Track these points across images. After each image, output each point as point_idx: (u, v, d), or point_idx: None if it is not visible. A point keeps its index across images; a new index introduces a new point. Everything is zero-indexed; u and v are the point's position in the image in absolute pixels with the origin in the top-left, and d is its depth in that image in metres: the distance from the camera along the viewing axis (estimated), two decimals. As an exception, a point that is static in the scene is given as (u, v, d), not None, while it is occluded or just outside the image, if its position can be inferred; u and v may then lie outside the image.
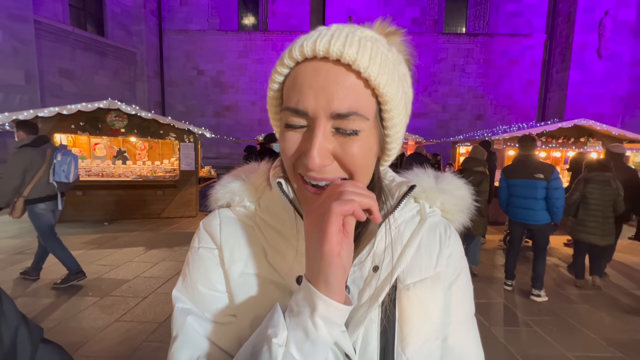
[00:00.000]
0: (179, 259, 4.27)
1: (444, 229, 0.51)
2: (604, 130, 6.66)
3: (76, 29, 10.51)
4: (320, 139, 0.37)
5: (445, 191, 0.52)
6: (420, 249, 0.47)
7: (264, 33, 14.51)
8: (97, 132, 6.05)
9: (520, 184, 3.38)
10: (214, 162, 12.67)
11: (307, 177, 0.39)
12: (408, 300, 0.44)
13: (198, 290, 0.46)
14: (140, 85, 13.08)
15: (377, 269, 0.44)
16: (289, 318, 0.36)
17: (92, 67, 11.16)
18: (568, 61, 12.99)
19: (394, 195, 0.48)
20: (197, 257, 0.48)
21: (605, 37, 12.51)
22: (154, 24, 13.88)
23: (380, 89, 0.38)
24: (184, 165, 6.59)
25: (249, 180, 0.51)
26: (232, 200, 0.51)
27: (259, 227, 0.48)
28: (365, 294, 0.43)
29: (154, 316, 2.87)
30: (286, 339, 0.35)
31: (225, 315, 0.45)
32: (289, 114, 0.39)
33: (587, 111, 12.00)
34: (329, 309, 0.34)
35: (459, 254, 0.51)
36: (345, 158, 0.38)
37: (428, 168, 0.55)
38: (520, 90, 14.17)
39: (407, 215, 0.49)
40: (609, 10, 12.38)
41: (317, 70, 0.37)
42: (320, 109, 0.37)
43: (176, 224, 6.17)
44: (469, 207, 0.53)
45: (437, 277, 0.47)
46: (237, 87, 14.75)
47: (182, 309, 0.46)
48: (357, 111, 0.37)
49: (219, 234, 0.48)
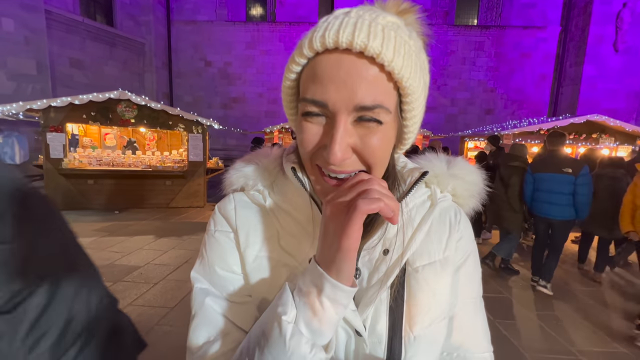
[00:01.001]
0: (188, 248, 4.37)
1: (454, 214, 0.52)
2: (617, 126, 6.51)
3: (86, 19, 10.57)
4: (341, 133, 0.37)
5: (457, 176, 0.52)
6: (430, 234, 0.49)
7: (271, 24, 14.39)
8: (108, 122, 6.14)
9: (547, 178, 3.34)
10: (222, 153, 12.75)
11: (326, 169, 0.39)
12: (417, 282, 0.46)
13: (215, 272, 0.47)
14: (148, 76, 13.15)
15: (387, 252, 0.46)
16: (298, 297, 0.37)
17: (101, 57, 11.25)
18: (583, 55, 12.63)
19: (406, 181, 0.49)
20: (214, 240, 0.49)
21: (623, 30, 12.11)
22: (162, 15, 13.87)
23: (403, 82, 0.37)
24: (192, 156, 6.66)
25: (262, 164, 0.52)
26: (246, 184, 0.51)
27: (272, 211, 0.49)
28: (376, 276, 0.45)
29: (165, 301, 2.96)
30: (295, 317, 0.36)
31: (242, 296, 0.47)
32: (308, 105, 0.38)
33: (601, 106, 11.72)
34: (335, 291, 0.36)
35: (469, 238, 0.52)
36: (365, 151, 0.38)
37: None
38: (531, 84, 13.86)
39: (418, 200, 0.50)
40: (627, 2, 11.96)
41: (339, 63, 0.36)
42: (342, 103, 0.36)
43: (184, 214, 6.27)
44: (480, 192, 0.53)
45: (445, 261, 0.48)
46: (245, 78, 14.73)
47: (200, 289, 0.47)
48: (381, 104, 0.37)
49: (235, 218, 0.49)
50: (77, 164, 6.05)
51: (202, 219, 6.02)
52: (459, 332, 0.50)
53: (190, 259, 3.97)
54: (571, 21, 13.39)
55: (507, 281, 3.73)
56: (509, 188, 3.71)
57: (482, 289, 0.54)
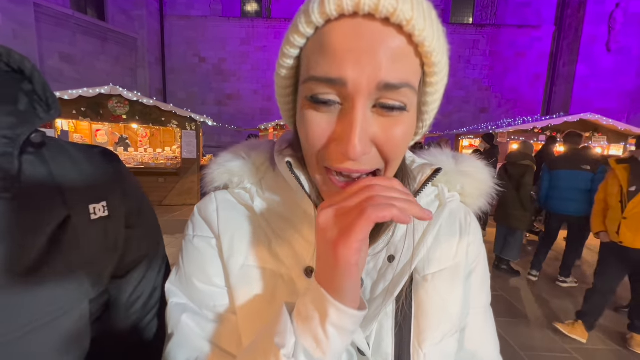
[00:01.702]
0: (180, 246, 4.30)
1: (464, 216, 0.48)
2: (610, 125, 6.58)
3: (76, 12, 10.34)
4: (362, 121, 0.30)
5: (467, 174, 0.48)
6: (439, 238, 0.44)
7: (267, 20, 14.25)
8: (99, 118, 6.02)
9: (564, 175, 3.42)
10: (216, 151, 12.55)
11: (339, 169, 0.33)
12: (426, 293, 0.41)
13: (194, 285, 0.42)
14: (141, 72, 12.94)
15: (393, 259, 0.41)
16: (297, 322, 0.32)
17: (92, 52, 11.02)
18: (576, 54, 12.75)
19: (416, 179, 0.44)
20: (192, 247, 0.44)
21: (615, 30, 12.25)
22: (155, 9, 13.64)
23: (433, 57, 0.32)
24: (186, 153, 6.58)
25: (249, 158, 0.46)
26: (230, 181, 0.46)
27: (262, 213, 0.43)
28: (380, 286, 0.40)
29: (157, 301, 2.91)
30: (294, 348, 0.31)
31: (225, 313, 0.41)
32: (316, 85, 0.31)
33: (594, 106, 11.85)
34: (341, 316, 0.30)
35: (479, 242, 0.48)
36: (388, 145, 0.32)
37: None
38: (526, 83, 13.97)
39: (426, 200, 0.45)
40: (620, 3, 12.09)
41: (359, 31, 0.29)
42: (363, 79, 0.29)
43: (178, 212, 6.19)
44: (490, 191, 0.49)
45: (456, 268, 0.44)
46: (239, 75, 14.59)
47: (176, 305, 0.42)
48: (409, 82, 0.31)
49: (217, 221, 0.43)
50: (67, 161, 5.93)
51: (196, 217, 5.96)
52: (469, 343, 0.45)
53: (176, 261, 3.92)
54: (565, 21, 13.50)
55: (502, 279, 3.74)
56: (521, 187, 3.71)
57: (490, 296, 0.50)
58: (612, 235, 2.44)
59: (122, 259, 0.51)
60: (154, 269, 0.58)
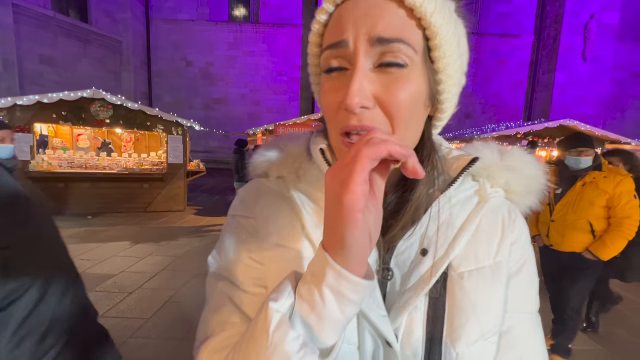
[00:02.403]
0: (166, 254, 4.18)
1: (508, 213, 0.44)
2: (588, 130, 6.85)
3: (58, 14, 10.07)
4: (360, 74, 0.33)
5: (513, 169, 0.44)
6: (478, 234, 0.41)
7: (255, 25, 14.25)
8: (80, 122, 5.83)
9: None
10: (203, 155, 12.44)
11: (346, 127, 0.35)
12: (461, 290, 0.39)
13: (231, 258, 0.44)
14: (126, 75, 12.68)
15: (426, 253, 0.40)
16: (300, 286, 0.31)
17: (75, 54, 10.74)
18: (554, 63, 13.29)
19: (451, 168, 0.42)
20: (233, 225, 0.46)
21: (590, 40, 12.85)
22: (141, 12, 13.44)
23: (427, 18, 0.34)
24: (172, 158, 6.44)
25: (287, 149, 0.48)
26: (269, 169, 0.48)
27: (297, 200, 0.44)
28: (411, 279, 0.39)
29: (140, 312, 2.80)
30: (289, 307, 0.30)
31: (257, 286, 0.42)
32: (327, 54, 0.36)
33: (571, 112, 12.33)
34: (339, 280, 0.29)
35: (525, 241, 0.44)
36: (389, 99, 0.34)
37: None
38: (507, 90, 14.44)
39: (463, 195, 0.43)
40: (595, 14, 12.71)
41: (357, 2, 0.34)
42: (360, 36, 0.33)
43: (163, 218, 6.04)
44: (540, 188, 0.46)
45: (497, 267, 0.41)
46: (227, 79, 14.49)
47: (214, 274, 0.45)
48: (402, 38, 0.33)
49: (255, 204, 0.46)
50: (45, 166, 5.71)
51: (182, 223, 5.81)
52: (511, 350, 0.41)
53: (169, 266, 3.81)
54: (544, 31, 14.08)
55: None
56: None
57: (539, 302, 0.46)
58: (544, 238, 2.40)
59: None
60: (53, 294, 0.50)
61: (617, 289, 3.17)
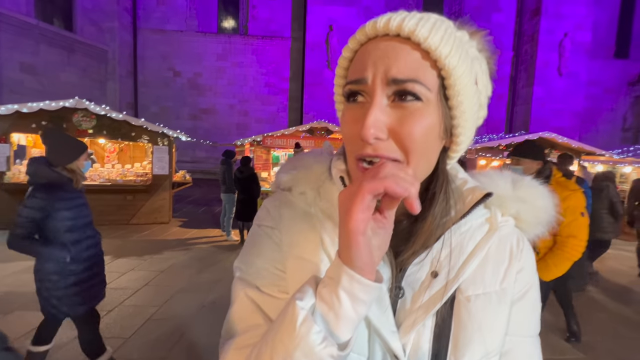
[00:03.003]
0: (149, 269, 4.04)
1: (517, 241, 0.46)
2: (565, 142, 7.16)
3: (41, 22, 9.89)
4: (376, 109, 0.36)
5: (524, 200, 0.47)
6: (486, 261, 0.44)
7: (244, 37, 14.37)
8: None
9: None
10: (190, 166, 12.26)
11: (361, 154, 0.38)
12: (467, 312, 0.42)
13: (256, 265, 0.47)
14: (111, 85, 12.48)
15: (436, 275, 0.42)
16: (320, 289, 0.36)
17: (57, 63, 10.52)
18: (532, 78, 13.92)
19: (465, 200, 0.44)
20: (259, 234, 0.49)
21: (565, 56, 13.56)
22: (128, 22, 13.36)
23: (442, 60, 0.36)
24: (157, 169, 6.32)
25: (311, 169, 0.51)
26: (293, 185, 0.51)
27: (317, 217, 0.47)
28: (421, 299, 0.42)
29: (120, 331, 2.68)
30: (312, 306, 0.35)
31: (279, 292, 0.45)
32: (350, 87, 0.39)
33: (550, 124, 12.87)
34: (352, 282, 0.34)
35: (531, 269, 0.47)
36: (402, 132, 0.36)
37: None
38: (490, 103, 14.95)
39: (475, 222, 0.45)
40: (568, 32, 13.46)
41: (377, 45, 0.38)
42: (378, 75, 0.37)
43: (147, 231, 5.87)
44: (550, 220, 0.48)
45: (503, 293, 0.44)
46: (215, 90, 14.46)
47: (240, 279, 0.47)
48: (415, 78, 0.36)
49: (280, 216, 0.49)
50: (22, 178, 5.49)
51: (167, 235, 5.66)
52: None
53: (152, 281, 3.68)
54: (521, 47, 14.78)
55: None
56: None
57: (540, 326, 0.48)
58: None
59: None
60: None
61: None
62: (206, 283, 3.71)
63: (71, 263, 1.82)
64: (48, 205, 1.74)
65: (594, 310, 3.55)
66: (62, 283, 1.81)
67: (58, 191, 1.78)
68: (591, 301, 3.79)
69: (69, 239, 1.81)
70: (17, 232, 1.70)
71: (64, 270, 1.81)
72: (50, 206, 1.74)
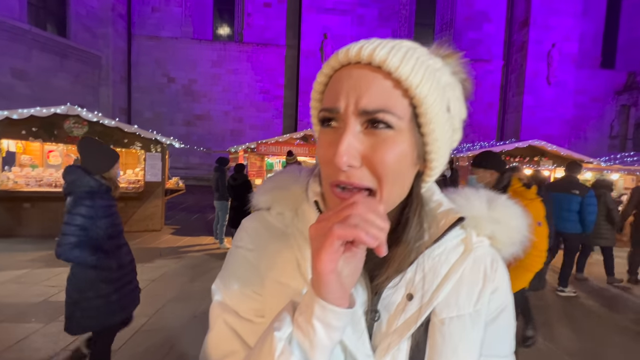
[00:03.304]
0: (139, 277, 3.89)
1: (491, 262, 0.46)
2: (554, 150, 7.30)
3: (34, 27, 9.83)
4: (349, 136, 0.36)
5: (499, 221, 0.47)
6: (461, 283, 0.44)
7: (239, 44, 14.45)
8: (52, 138, 5.60)
9: (557, 197, 3.97)
10: (183, 172, 12.17)
11: (335, 181, 0.38)
12: (442, 335, 0.42)
13: (234, 288, 0.47)
14: (104, 90, 12.40)
15: (412, 298, 0.42)
16: (297, 316, 0.36)
17: (50, 68, 10.43)
18: (522, 86, 14.23)
19: (439, 224, 0.44)
20: (236, 256, 0.49)
21: (553, 66, 13.91)
22: (123, 28, 13.35)
23: (412, 89, 0.37)
24: (150, 176, 6.26)
25: (289, 189, 0.51)
26: (272, 206, 0.51)
27: (294, 238, 0.47)
28: (396, 322, 0.42)
29: (109, 342, 2.62)
30: (289, 335, 0.35)
31: (257, 317, 0.45)
32: (324, 113, 0.40)
33: (540, 132, 13.11)
34: (325, 312, 0.34)
35: (505, 289, 0.47)
36: (375, 159, 0.37)
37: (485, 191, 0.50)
38: (481, 111, 15.23)
39: (450, 244, 0.45)
40: (556, 43, 13.83)
41: (350, 73, 0.38)
42: (350, 105, 0.37)
43: (138, 239, 5.78)
44: (523, 240, 0.48)
45: (477, 315, 0.44)
46: (210, 96, 14.46)
47: (218, 303, 0.47)
48: (385, 108, 0.37)
49: (258, 237, 0.49)
50: (11, 185, 5.39)
51: (158, 243, 5.59)
52: None
53: (142, 290, 3.60)
54: (511, 57, 15.12)
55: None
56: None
57: (514, 345, 0.49)
58: None
59: None
60: None
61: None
62: (198, 292, 3.66)
63: (117, 269, 1.87)
64: (94, 212, 1.78)
65: (583, 317, 3.59)
66: (107, 289, 1.83)
67: (100, 199, 1.83)
68: (581, 307, 3.83)
69: (110, 246, 1.86)
70: (69, 241, 1.72)
71: (109, 277, 1.84)
72: (96, 213, 1.78)
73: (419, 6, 15.46)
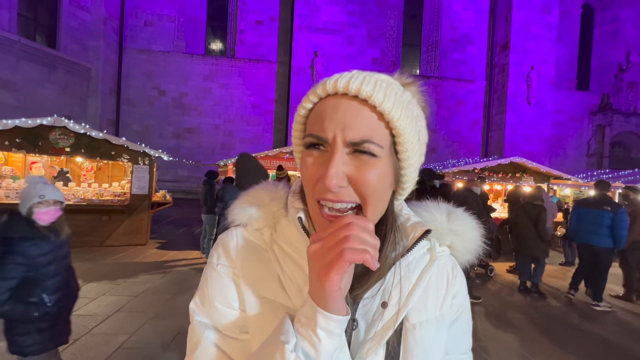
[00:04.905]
0: (122, 294, 3.86)
1: (452, 269, 0.52)
2: (534, 167, 7.59)
3: (23, 38, 9.77)
4: (337, 161, 0.40)
5: (457, 233, 0.53)
6: (428, 289, 0.49)
7: (231, 59, 14.67)
8: (37, 150, 5.49)
9: (589, 212, 4.26)
10: (171, 185, 12.01)
11: (323, 200, 0.41)
12: (414, 339, 0.46)
13: (215, 306, 0.48)
14: (92, 102, 12.29)
15: (386, 305, 0.46)
16: (297, 327, 0.39)
17: (37, 79, 10.32)
18: (504, 105, 14.87)
19: (409, 237, 0.49)
20: (215, 274, 0.49)
21: (532, 87, 14.64)
22: (114, 41, 13.40)
23: (393, 122, 0.41)
24: (136, 189, 6.16)
25: (267, 205, 0.53)
26: (249, 223, 0.52)
27: (274, 253, 0.49)
28: (372, 330, 0.45)
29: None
30: (295, 346, 0.38)
31: (240, 333, 0.47)
32: (311, 139, 0.43)
33: (522, 149, 13.62)
34: (328, 322, 0.38)
35: (463, 293, 0.53)
36: (360, 181, 0.41)
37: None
38: (466, 128, 15.76)
39: (418, 253, 0.50)
40: (534, 66, 14.61)
41: (337, 104, 0.41)
42: (337, 135, 0.41)
43: (122, 253, 5.63)
44: (477, 249, 0.54)
45: (442, 318, 0.49)
46: (201, 110, 14.49)
47: (200, 322, 0.48)
48: (370, 139, 0.41)
49: (236, 254, 0.50)
50: (-9, 197, 5.22)
51: (143, 258, 5.45)
52: None
53: (124, 307, 3.51)
54: (494, 78, 15.85)
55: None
56: (539, 223, 4.60)
57: (472, 342, 0.55)
58: None
59: None
60: None
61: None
62: (183, 308, 3.58)
63: None
64: None
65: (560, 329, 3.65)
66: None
67: None
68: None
69: None
70: None
71: None
72: None
73: (406, 28, 16.16)
